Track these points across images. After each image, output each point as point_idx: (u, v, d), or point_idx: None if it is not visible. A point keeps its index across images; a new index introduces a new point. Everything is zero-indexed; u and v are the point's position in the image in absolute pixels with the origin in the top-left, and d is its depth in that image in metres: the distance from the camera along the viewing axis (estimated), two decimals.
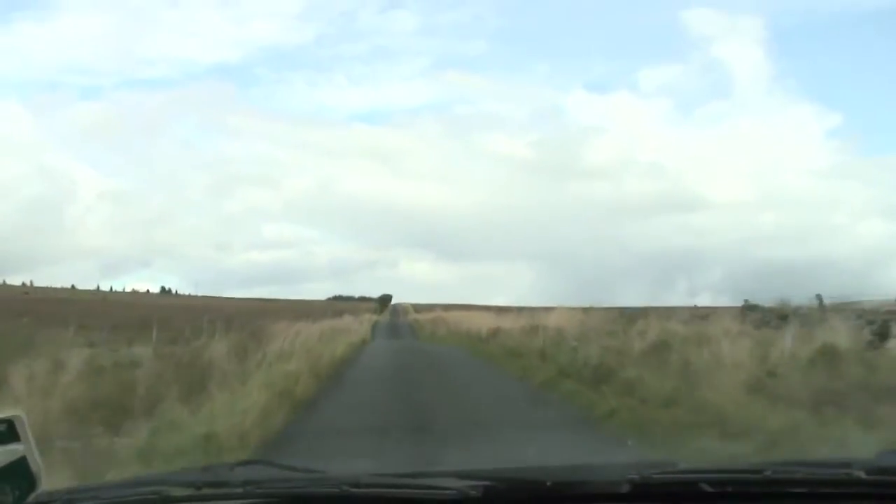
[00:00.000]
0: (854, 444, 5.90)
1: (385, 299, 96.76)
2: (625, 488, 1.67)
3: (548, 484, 1.70)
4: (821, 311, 15.26)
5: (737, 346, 11.50)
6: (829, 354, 10.24)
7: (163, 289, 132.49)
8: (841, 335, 11.52)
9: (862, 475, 1.68)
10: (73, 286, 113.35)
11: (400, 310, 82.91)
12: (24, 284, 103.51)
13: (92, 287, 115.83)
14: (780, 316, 16.19)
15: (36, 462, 1.60)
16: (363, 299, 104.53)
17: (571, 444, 7.10)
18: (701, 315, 19.75)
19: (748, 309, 19.37)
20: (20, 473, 1.57)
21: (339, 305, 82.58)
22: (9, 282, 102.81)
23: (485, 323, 32.34)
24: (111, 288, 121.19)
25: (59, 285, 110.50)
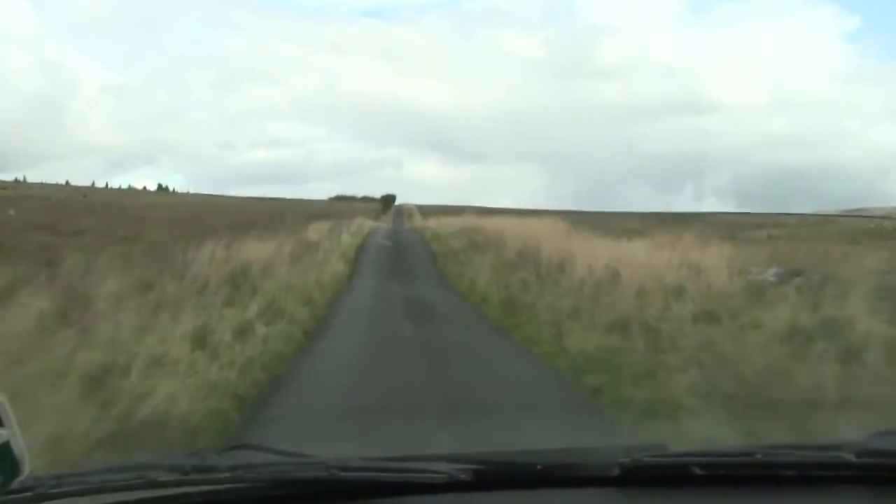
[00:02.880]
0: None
1: (388, 199, 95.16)
2: (615, 472, 1.67)
3: (538, 467, 1.71)
4: None
5: None
6: None
7: (160, 186, 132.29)
8: None
9: (852, 458, 1.68)
10: (67, 182, 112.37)
11: (404, 212, 72.84)
12: (16, 181, 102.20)
13: (87, 184, 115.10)
14: None
15: (20, 447, 1.58)
16: (366, 199, 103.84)
17: None
18: None
19: None
20: (4, 458, 1.55)
21: (339, 206, 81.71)
22: (2, 177, 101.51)
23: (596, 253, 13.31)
24: (107, 184, 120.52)
25: (53, 181, 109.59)
